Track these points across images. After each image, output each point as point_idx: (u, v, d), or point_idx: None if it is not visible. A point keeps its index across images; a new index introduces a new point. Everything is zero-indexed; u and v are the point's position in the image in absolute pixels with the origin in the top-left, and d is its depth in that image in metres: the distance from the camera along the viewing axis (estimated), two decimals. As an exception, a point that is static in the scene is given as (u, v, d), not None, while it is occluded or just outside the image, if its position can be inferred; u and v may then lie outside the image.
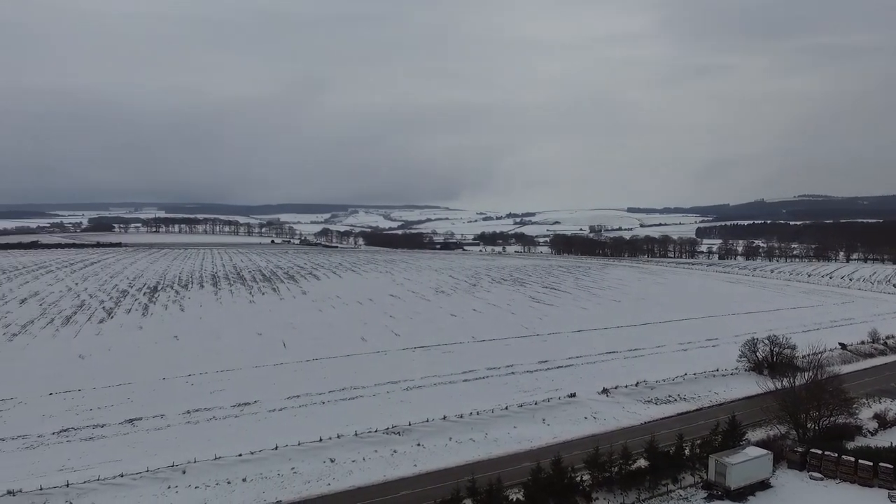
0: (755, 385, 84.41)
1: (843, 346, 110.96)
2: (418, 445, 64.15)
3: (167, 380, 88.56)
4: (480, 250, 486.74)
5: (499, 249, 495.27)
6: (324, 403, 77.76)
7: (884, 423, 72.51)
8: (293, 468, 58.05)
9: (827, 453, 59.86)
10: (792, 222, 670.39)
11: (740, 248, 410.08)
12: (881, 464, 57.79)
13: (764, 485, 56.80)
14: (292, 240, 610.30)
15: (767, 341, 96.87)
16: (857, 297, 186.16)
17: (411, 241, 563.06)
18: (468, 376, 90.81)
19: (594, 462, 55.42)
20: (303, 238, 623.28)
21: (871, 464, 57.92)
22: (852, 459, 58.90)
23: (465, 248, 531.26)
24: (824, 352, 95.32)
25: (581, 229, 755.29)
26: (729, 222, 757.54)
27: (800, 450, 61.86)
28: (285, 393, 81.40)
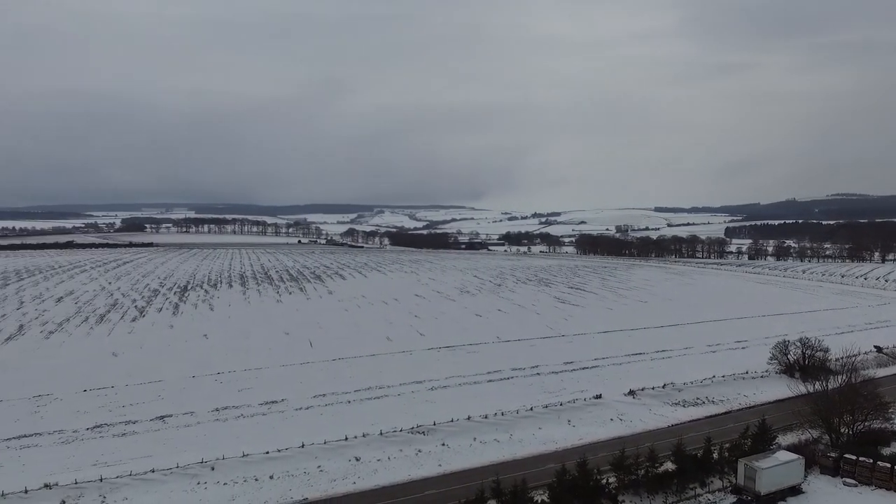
0: (786, 388, 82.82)
1: (878, 349, 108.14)
2: (443, 445, 64.30)
3: (197, 378, 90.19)
4: (505, 250, 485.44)
5: (524, 249, 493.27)
6: (349, 402, 78.42)
7: (921, 428, 70.57)
8: (319, 466, 58.67)
9: (861, 459, 58.42)
10: (824, 221, 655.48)
11: (771, 248, 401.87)
12: (918, 470, 56.24)
13: (795, 490, 55.68)
14: (318, 240, 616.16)
15: (799, 343, 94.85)
16: (893, 298, 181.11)
17: (436, 241, 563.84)
18: (493, 377, 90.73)
19: (620, 464, 54.93)
20: (329, 238, 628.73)
21: (907, 470, 56.41)
22: (888, 465, 57.36)
23: (489, 248, 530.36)
24: (859, 354, 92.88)
25: (607, 229, 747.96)
26: (759, 222, 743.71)
27: (833, 455, 60.51)
28: (312, 392, 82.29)
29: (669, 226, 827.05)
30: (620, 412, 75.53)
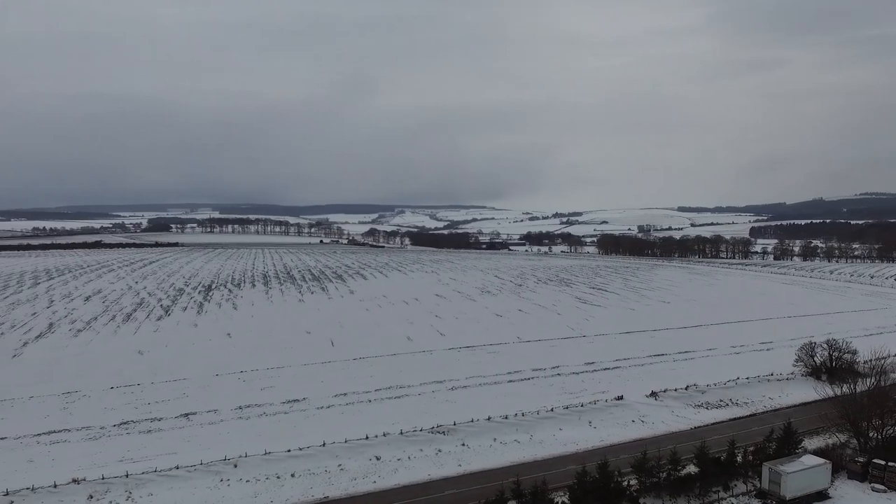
0: (812, 391, 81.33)
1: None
2: (463, 445, 64.36)
3: (220, 376, 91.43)
4: (526, 250, 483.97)
5: (545, 249, 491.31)
6: (370, 402, 78.86)
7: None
8: (340, 465, 59.11)
9: (891, 464, 57.15)
10: (853, 221, 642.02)
11: (797, 249, 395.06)
12: (950, 476, 54.88)
13: (821, 495, 54.69)
14: (340, 240, 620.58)
15: (826, 345, 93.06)
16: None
17: (457, 240, 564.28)
18: (513, 377, 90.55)
19: (642, 467, 54.46)
20: (350, 238, 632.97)
21: (938, 476, 55.08)
22: (918, 471, 56.13)
23: (510, 248, 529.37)
24: (888, 357, 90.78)
25: (629, 229, 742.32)
26: (785, 221, 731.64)
27: (861, 460, 59.32)
28: (333, 391, 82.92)
29: (693, 226, 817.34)
30: (642, 414, 74.87)
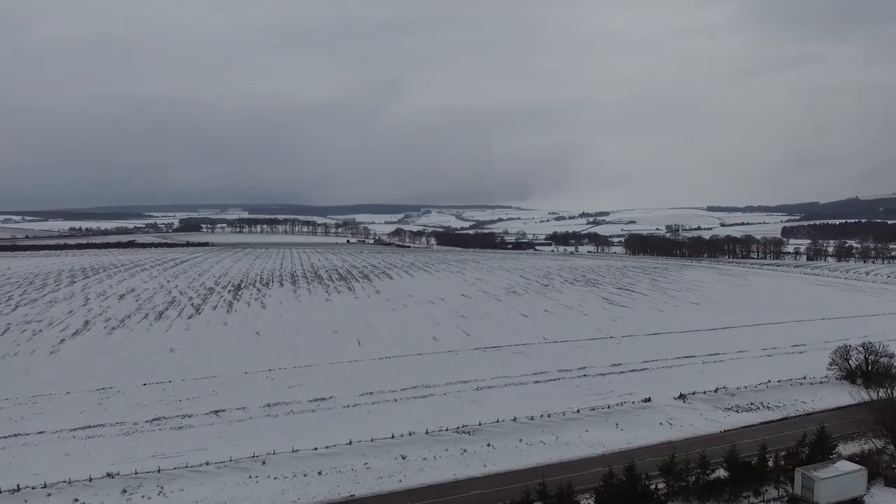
0: (847, 395, 79.34)
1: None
2: (488, 446, 64.33)
3: (249, 374, 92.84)
4: (552, 250, 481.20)
5: (571, 249, 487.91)
6: (396, 401, 79.28)
7: None
8: (366, 463, 59.56)
9: (929, 471, 55.60)
10: (890, 221, 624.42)
11: (831, 249, 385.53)
12: None
13: (857, 503, 53.39)
14: (367, 239, 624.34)
15: (861, 348, 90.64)
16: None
17: (483, 240, 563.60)
18: (539, 378, 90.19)
19: (669, 470, 53.80)
20: (377, 238, 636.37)
21: (980, 484, 53.34)
22: (958, 479, 54.45)
23: (536, 248, 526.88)
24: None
25: (657, 229, 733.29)
26: (818, 221, 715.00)
27: (898, 466, 57.75)
28: (359, 390, 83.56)
29: (723, 225, 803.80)
30: (670, 416, 73.93)
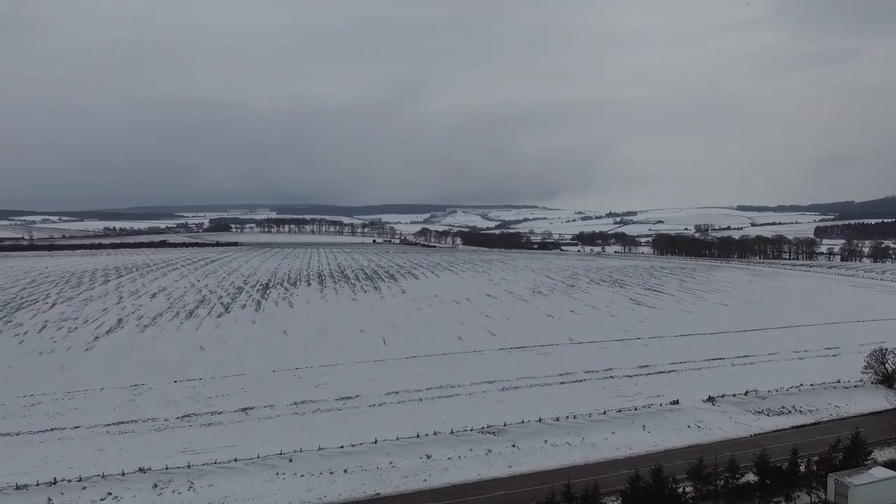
0: (883, 400, 77.48)
1: None
2: (513, 446, 64.22)
3: (276, 372, 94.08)
4: (579, 250, 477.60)
5: (598, 250, 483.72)
6: (421, 400, 79.61)
7: None
8: (391, 462, 59.94)
9: (969, 479, 53.82)
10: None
11: (866, 249, 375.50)
12: None
13: (892, 509, 52.04)
14: (393, 239, 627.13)
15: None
16: None
17: (508, 240, 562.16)
18: (565, 379, 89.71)
19: (697, 473, 53.11)
20: (403, 238, 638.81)
21: None
22: None
23: (562, 248, 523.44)
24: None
25: (686, 229, 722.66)
26: (853, 221, 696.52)
27: (936, 473, 56.01)
28: (385, 389, 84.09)
29: (753, 225, 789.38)
30: (698, 419, 72.93)
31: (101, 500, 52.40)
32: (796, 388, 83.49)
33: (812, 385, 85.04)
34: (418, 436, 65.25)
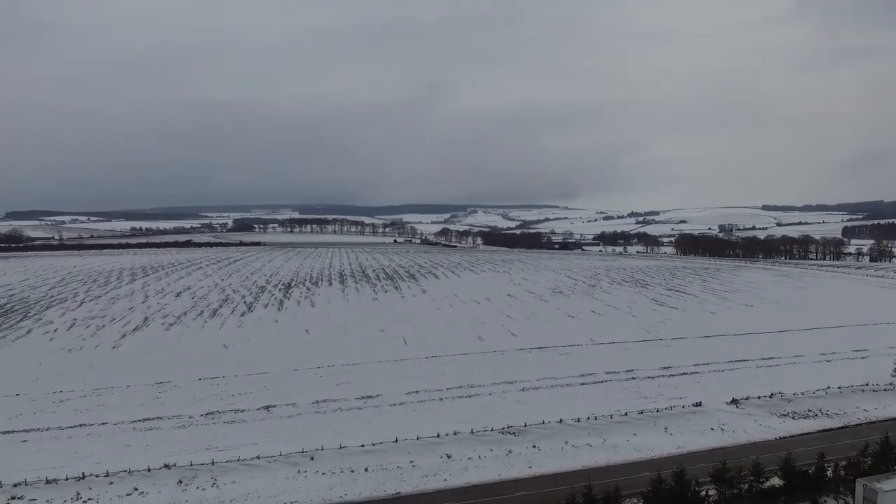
0: (913, 403, 75.66)
1: None
2: (534, 447, 64.04)
3: (298, 371, 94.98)
4: (600, 250, 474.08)
5: (619, 250, 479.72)
6: (441, 400, 79.76)
7: None
8: (412, 461, 60.16)
9: None
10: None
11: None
12: None
13: (922, 516, 50.83)
14: (413, 239, 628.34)
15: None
16: None
17: (529, 240, 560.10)
18: (586, 380, 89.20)
19: (721, 476, 52.42)
20: (423, 238, 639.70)
21: None
22: None
23: (584, 248, 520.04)
24: None
25: (710, 228, 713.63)
26: (882, 221, 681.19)
27: (969, 480, 54.64)
28: (405, 388, 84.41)
29: (779, 225, 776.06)
30: (722, 421, 72.00)
31: (128, 495, 53.39)
32: (823, 391, 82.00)
33: (839, 388, 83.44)
34: (438, 435, 65.39)
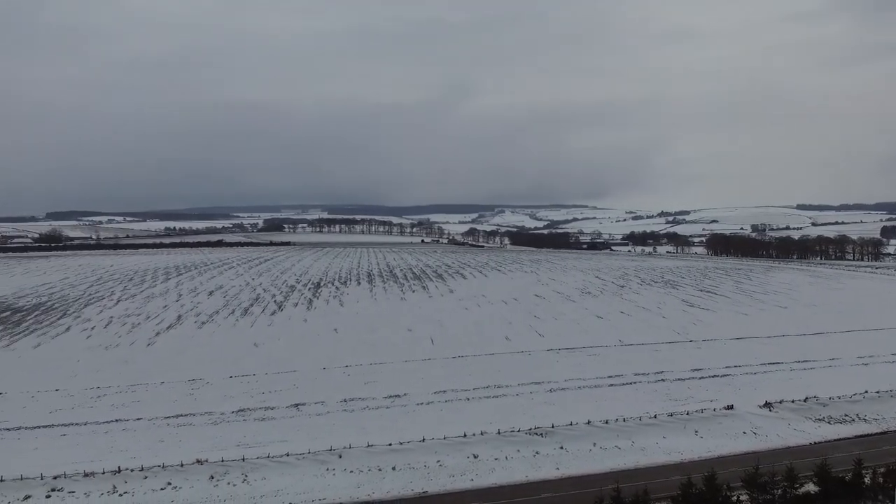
0: (956, 409, 73.24)
1: None
2: (561, 448, 63.72)
3: (327, 369, 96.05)
4: (629, 250, 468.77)
5: (649, 250, 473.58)
6: (468, 400, 79.86)
7: None
8: (438, 461, 60.37)
9: None
10: None
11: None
12: None
13: (965, 525, 49.27)
14: (441, 239, 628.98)
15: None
16: None
17: (557, 240, 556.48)
18: (614, 381, 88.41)
19: (753, 481, 51.45)
20: (451, 237, 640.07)
21: None
22: None
23: (612, 248, 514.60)
24: None
25: (742, 228, 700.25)
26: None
27: None
28: (432, 388, 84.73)
29: (814, 225, 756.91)
30: (754, 425, 70.67)
31: (162, 489, 54.68)
32: (861, 395, 79.86)
33: (878, 392, 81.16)
34: (465, 435, 65.49)
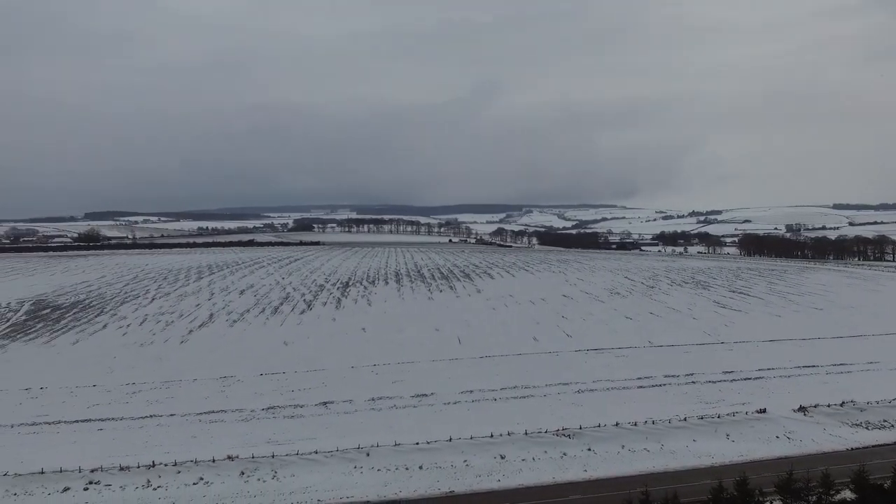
0: None
1: None
2: (589, 450, 63.29)
3: (355, 368, 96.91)
4: (659, 251, 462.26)
5: (679, 250, 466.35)
6: (495, 400, 79.79)
7: None
8: (465, 461, 60.47)
9: None
10: None
11: None
12: None
13: None
14: (469, 239, 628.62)
15: None
16: None
17: (585, 240, 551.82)
18: (643, 383, 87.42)
19: (787, 487, 50.40)
20: (478, 237, 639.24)
21: None
22: None
23: (642, 248, 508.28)
24: None
25: (776, 228, 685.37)
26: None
27: None
28: (459, 387, 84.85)
29: (851, 224, 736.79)
30: (788, 430, 69.19)
31: (194, 483, 55.85)
32: (900, 401, 77.60)
33: (918, 398, 78.79)
34: (492, 436, 65.46)
